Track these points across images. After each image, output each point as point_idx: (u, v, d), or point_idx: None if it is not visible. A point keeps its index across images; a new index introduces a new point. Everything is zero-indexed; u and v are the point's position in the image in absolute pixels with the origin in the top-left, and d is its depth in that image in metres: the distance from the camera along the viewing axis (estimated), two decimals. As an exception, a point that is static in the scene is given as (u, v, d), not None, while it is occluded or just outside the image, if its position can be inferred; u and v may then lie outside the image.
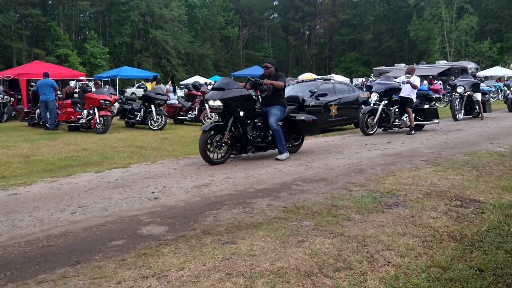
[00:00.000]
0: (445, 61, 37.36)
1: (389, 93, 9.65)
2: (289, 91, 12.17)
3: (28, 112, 14.47)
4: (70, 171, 6.31)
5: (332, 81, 12.32)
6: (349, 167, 5.92)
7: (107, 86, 19.43)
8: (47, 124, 12.61)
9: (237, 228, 3.41)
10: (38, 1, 46.39)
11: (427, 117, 10.26)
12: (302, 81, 13.52)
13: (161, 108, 12.86)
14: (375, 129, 9.75)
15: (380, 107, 9.59)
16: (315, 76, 21.81)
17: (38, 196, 4.60)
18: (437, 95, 11.63)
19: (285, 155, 6.62)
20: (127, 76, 29.55)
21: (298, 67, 67.48)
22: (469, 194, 4.40)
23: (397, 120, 9.92)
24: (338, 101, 11.28)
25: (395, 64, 37.72)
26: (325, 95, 10.92)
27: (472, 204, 4.07)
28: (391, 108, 9.77)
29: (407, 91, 9.86)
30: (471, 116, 13.33)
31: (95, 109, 11.62)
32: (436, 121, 10.45)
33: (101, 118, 11.56)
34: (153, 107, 12.52)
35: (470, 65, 33.40)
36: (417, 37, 53.28)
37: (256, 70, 36.17)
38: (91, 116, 11.79)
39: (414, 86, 9.66)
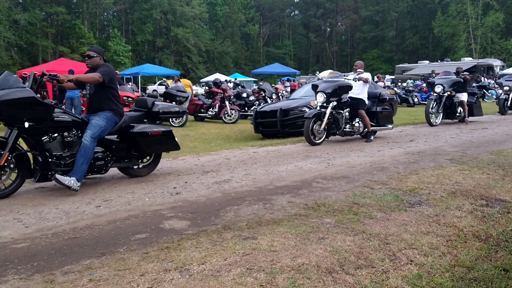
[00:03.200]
0: (471, 58, 36.57)
1: (339, 92, 7.98)
2: (309, 89, 12.17)
3: (54, 108, 14.78)
4: (94, 166, 6.42)
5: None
6: (371, 165, 5.87)
7: (129, 83, 19.70)
8: (71, 120, 12.86)
9: (258, 224, 3.42)
10: (63, 0, 47.37)
11: (380, 122, 8.63)
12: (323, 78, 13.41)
13: (182, 105, 12.97)
14: (322, 138, 7.99)
15: (328, 110, 7.83)
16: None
17: (64, 189, 4.70)
18: (391, 96, 9.71)
19: (71, 183, 4.37)
20: (149, 74, 29.93)
21: (319, 65, 67.10)
22: (494, 194, 4.31)
23: (347, 126, 8.25)
24: (359, 98, 11.15)
25: (419, 61, 37.15)
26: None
27: (498, 204, 3.99)
28: (341, 112, 8.13)
29: (358, 91, 8.34)
30: (452, 120, 11.48)
31: (118, 105, 11.79)
32: (390, 126, 8.87)
33: (123, 114, 11.72)
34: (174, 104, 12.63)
35: (496, 63, 32.61)
36: (441, 33, 52.31)
37: (276, 68, 36.20)
38: (114, 113, 11.96)
39: (367, 81, 8.30)
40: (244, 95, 14.95)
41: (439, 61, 36.43)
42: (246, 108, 15.33)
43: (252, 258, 2.74)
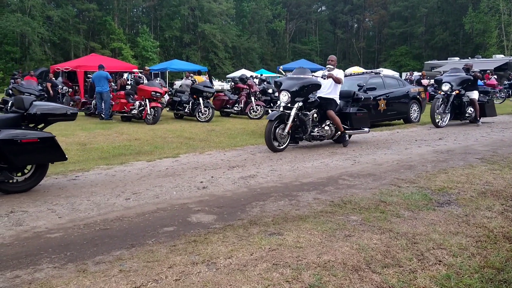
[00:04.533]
0: (502, 55, 35.35)
1: (305, 91, 7.02)
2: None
3: (85, 103, 15.21)
4: (123, 159, 6.58)
5: (381, 75, 12.02)
6: (398, 163, 5.80)
7: (158, 78, 19.99)
8: (102, 114, 13.20)
9: (284, 220, 3.44)
10: (95, -4, 48.44)
11: (354, 124, 7.61)
12: (350, 75, 13.28)
13: (208, 100, 13.08)
14: (286, 143, 7.00)
15: (293, 112, 6.85)
16: (363, 70, 21.38)
17: (95, 182, 4.85)
18: (367, 95, 8.45)
19: None
20: (176, 69, 30.22)
21: (345, 61, 66.36)
22: (527, 195, 4.19)
23: (316, 130, 7.26)
24: (387, 95, 11.03)
25: (448, 58, 36.20)
26: (373, 89, 10.70)
27: (531, 205, 3.88)
28: (308, 113, 7.10)
29: (328, 90, 7.40)
30: (461, 121, 10.64)
31: (147, 100, 12.01)
32: (366, 129, 7.80)
33: (152, 109, 11.92)
34: (201, 100, 12.76)
35: (529, 60, 31.44)
36: (472, 30, 50.84)
37: (302, 63, 35.98)
38: (142, 107, 12.19)
39: (337, 81, 7.27)
40: (270, 91, 14.90)
41: (469, 58, 35.36)
42: (272, 104, 15.32)
43: (278, 253, 2.76)
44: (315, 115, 7.23)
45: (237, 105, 14.28)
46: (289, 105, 6.90)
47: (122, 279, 2.41)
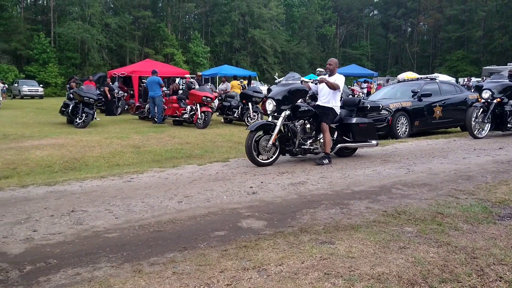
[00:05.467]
0: None
1: (292, 99, 6.33)
2: (388, 91, 11.78)
3: (139, 106, 15.80)
4: (175, 162, 6.75)
5: (437, 81, 11.59)
6: (455, 173, 5.55)
7: (208, 83, 20.40)
8: (155, 118, 13.64)
9: (335, 228, 3.38)
10: (150, 4, 50.26)
11: (357, 136, 6.75)
12: (404, 81, 12.90)
13: (257, 105, 13.17)
14: (273, 157, 6.31)
15: (279, 122, 6.20)
16: (416, 75, 20.68)
17: (149, 184, 5.01)
18: (375, 104, 7.31)
19: None
20: (226, 74, 30.70)
21: (398, 66, 64.59)
22: None
23: (309, 142, 6.46)
24: (443, 102, 10.62)
25: (508, 63, 34.30)
26: (429, 95, 10.36)
27: None
28: (297, 124, 6.42)
29: (326, 98, 6.57)
30: (503, 132, 9.64)
31: (198, 105, 12.27)
32: (373, 142, 6.94)
33: (202, 113, 12.17)
34: (250, 105, 12.87)
35: None
36: (535, 34, 47.81)
37: (353, 69, 35.42)
38: (193, 112, 12.47)
39: (333, 87, 6.41)
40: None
41: (530, 63, 33.31)
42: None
43: (329, 263, 2.71)
44: (308, 125, 6.53)
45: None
46: (275, 114, 6.30)
47: (175, 281, 2.47)
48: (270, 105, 6.27)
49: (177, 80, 18.76)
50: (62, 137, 9.68)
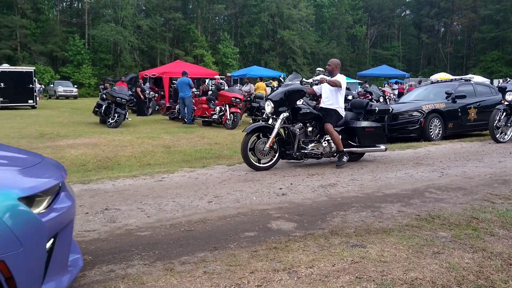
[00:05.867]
0: None
1: (290, 100, 6.09)
2: (421, 92, 11.53)
3: (170, 107, 16.04)
4: (205, 162, 6.82)
5: (472, 82, 11.26)
6: (491, 177, 5.37)
7: (237, 84, 20.50)
8: (185, 119, 13.82)
9: (366, 231, 3.33)
10: (180, 6, 51.01)
11: (363, 141, 6.45)
12: (437, 82, 12.60)
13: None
14: (273, 160, 6.07)
15: (277, 124, 5.97)
16: (450, 76, 20.15)
17: (179, 184, 5.07)
18: (384, 107, 7.17)
19: None
20: (255, 75, 30.78)
21: (430, 66, 63.11)
22: None
23: (310, 146, 6.18)
24: (478, 104, 10.31)
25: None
26: (463, 97, 10.08)
27: None
28: (297, 127, 6.15)
29: (329, 100, 6.35)
30: None
31: (227, 106, 12.36)
32: (382, 146, 6.61)
33: (231, 114, 12.25)
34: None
35: None
36: None
37: (383, 70, 34.88)
38: (222, 113, 12.56)
39: (334, 84, 6.15)
40: (350, 97, 14.59)
41: None
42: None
43: (361, 266, 2.68)
44: (310, 128, 6.26)
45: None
46: (274, 116, 6.09)
47: (206, 281, 2.49)
48: (268, 107, 6.12)
49: (207, 81, 18.96)
50: (95, 136, 9.95)
